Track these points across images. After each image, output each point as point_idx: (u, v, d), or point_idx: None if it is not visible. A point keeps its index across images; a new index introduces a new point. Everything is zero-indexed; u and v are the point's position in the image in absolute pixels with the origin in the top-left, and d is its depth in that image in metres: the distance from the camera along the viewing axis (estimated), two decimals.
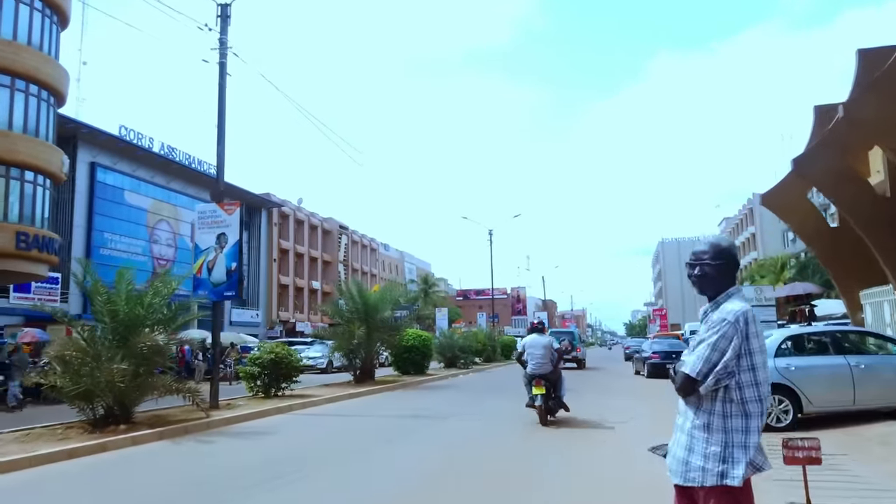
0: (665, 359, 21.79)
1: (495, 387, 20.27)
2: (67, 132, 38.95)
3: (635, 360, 26.23)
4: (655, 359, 22.03)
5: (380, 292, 20.51)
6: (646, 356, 23.07)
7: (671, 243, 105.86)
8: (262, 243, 58.67)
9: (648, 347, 24.29)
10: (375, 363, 20.57)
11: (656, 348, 23.13)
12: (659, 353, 22.38)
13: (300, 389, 17.25)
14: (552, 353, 11.09)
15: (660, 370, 21.41)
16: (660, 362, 21.69)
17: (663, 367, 21.37)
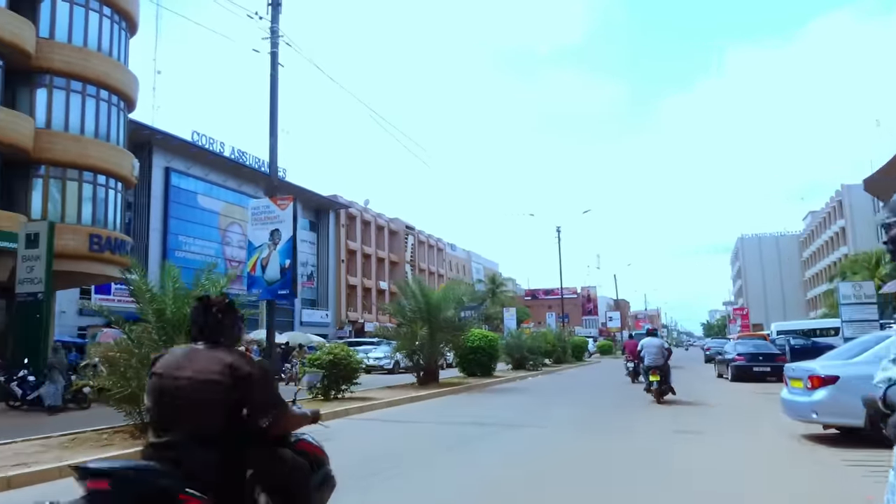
0: (751, 361, 20.73)
1: (568, 390, 19.09)
2: (142, 138, 40.15)
3: (717, 362, 24.96)
4: (740, 361, 20.88)
5: (442, 291, 19.70)
6: (729, 358, 21.92)
7: (751, 239, 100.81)
8: (331, 244, 59.13)
9: (732, 349, 22.97)
10: (440, 364, 19.74)
11: (741, 350, 21.92)
12: (744, 354, 21.20)
13: (362, 391, 16.62)
14: (663, 350, 14.69)
15: (745, 373, 20.41)
16: (745, 365, 20.65)
17: (749, 370, 20.47)
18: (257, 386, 2.87)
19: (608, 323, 76.37)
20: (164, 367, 2.97)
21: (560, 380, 24.24)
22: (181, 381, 2.85)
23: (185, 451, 2.73)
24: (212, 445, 2.75)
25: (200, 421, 2.78)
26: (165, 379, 2.90)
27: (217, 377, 2.81)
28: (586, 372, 29.54)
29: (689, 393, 15.97)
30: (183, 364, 2.91)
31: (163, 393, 2.88)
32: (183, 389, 2.82)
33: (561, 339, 35.03)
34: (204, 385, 2.80)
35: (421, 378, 18.70)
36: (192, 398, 2.80)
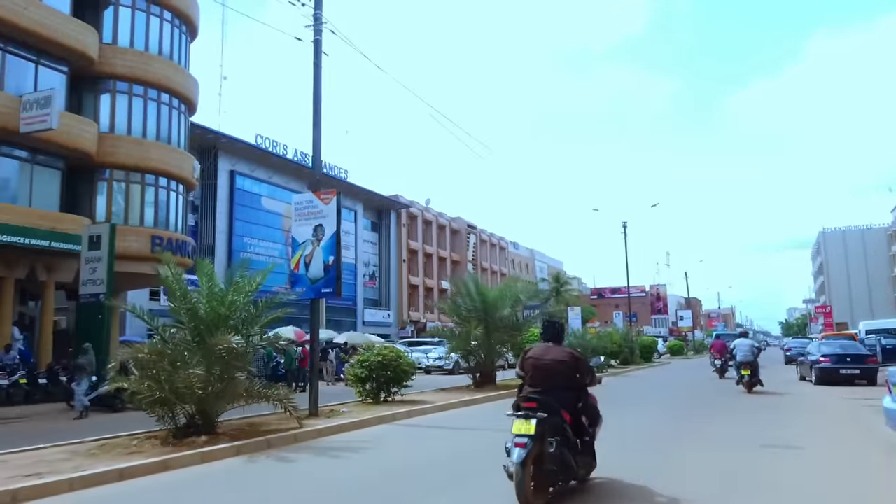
0: (837, 363, 19.28)
1: (636, 395, 17.79)
2: (208, 142, 40.94)
3: (800, 363, 23.19)
4: (825, 363, 19.45)
5: (499, 289, 18.73)
6: (813, 359, 20.39)
7: (835, 233, 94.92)
8: (392, 244, 59.05)
9: (816, 350, 21.26)
10: (500, 365, 18.82)
11: (826, 351, 20.35)
12: (830, 356, 19.68)
13: (416, 394, 15.91)
14: (753, 349, 17.55)
15: (831, 376, 19.09)
16: (831, 367, 19.25)
17: (835, 372, 19.16)
18: (583, 363, 6.03)
19: (679, 322, 73.21)
20: (534, 354, 6.05)
21: (628, 383, 22.85)
22: (546, 361, 5.90)
23: (551, 395, 5.56)
24: (563, 391, 5.72)
25: (557, 381, 5.77)
26: (537, 360, 5.95)
27: (565, 359, 5.92)
28: (656, 374, 27.93)
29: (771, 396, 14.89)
30: (546, 353, 6.00)
31: (535, 367, 5.90)
32: (548, 365, 5.84)
33: (628, 340, 33.33)
34: (559, 363, 5.84)
35: (477, 380, 17.83)
36: (553, 369, 5.82)
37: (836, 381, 18.99)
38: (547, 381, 5.80)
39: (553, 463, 5.37)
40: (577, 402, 5.97)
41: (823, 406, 14.01)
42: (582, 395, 6.09)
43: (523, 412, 5.45)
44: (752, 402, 14.34)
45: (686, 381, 21.82)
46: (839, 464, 7.47)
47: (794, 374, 24.19)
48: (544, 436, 5.30)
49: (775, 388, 17.82)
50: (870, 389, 17.13)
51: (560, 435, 5.44)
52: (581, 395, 6.07)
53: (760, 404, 13.95)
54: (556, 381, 5.79)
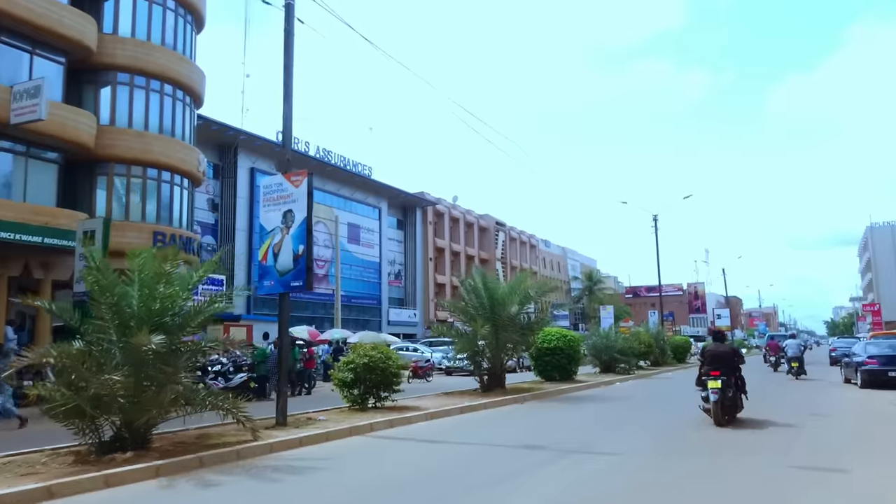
0: (886, 364, 17.68)
1: (660, 399, 15.99)
2: (228, 139, 40.21)
3: (844, 365, 21.35)
4: (872, 364, 17.92)
5: (509, 285, 17.10)
6: (859, 361, 18.75)
7: (883, 228, 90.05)
8: (418, 243, 57.74)
9: (862, 350, 19.50)
10: (512, 367, 17.23)
11: (873, 351, 18.66)
12: (877, 357, 18.07)
13: (414, 398, 14.45)
14: (800, 347, 22.88)
15: (878, 379, 17.59)
16: (878, 369, 17.70)
17: (883, 374, 17.64)
18: (738, 354, 11.48)
19: (717, 321, 70.11)
20: (711, 349, 11.35)
21: (655, 386, 20.95)
22: (719, 352, 11.14)
23: (722, 370, 10.58)
24: (728, 368, 10.78)
25: (725, 363, 10.85)
26: (713, 351, 11.15)
27: (728, 351, 11.36)
28: (688, 376, 25.90)
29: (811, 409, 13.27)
30: (717, 348, 11.30)
31: (713, 356, 11.04)
32: (720, 354, 11.02)
33: (659, 339, 31.29)
34: (726, 354, 11.11)
35: (484, 383, 16.26)
36: (723, 357, 11.00)
37: (883, 385, 17.54)
38: (719, 362, 10.85)
39: (730, 402, 10.66)
40: (735, 373, 11.01)
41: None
42: (738, 370, 11.15)
43: (712, 378, 10.52)
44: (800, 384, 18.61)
45: (693, 397, 19.94)
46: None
47: (839, 377, 21.98)
48: (725, 389, 10.47)
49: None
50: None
51: (732, 389, 10.68)
52: (738, 370, 11.15)
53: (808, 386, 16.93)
54: (725, 362, 10.88)
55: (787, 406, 13.88)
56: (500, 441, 9.27)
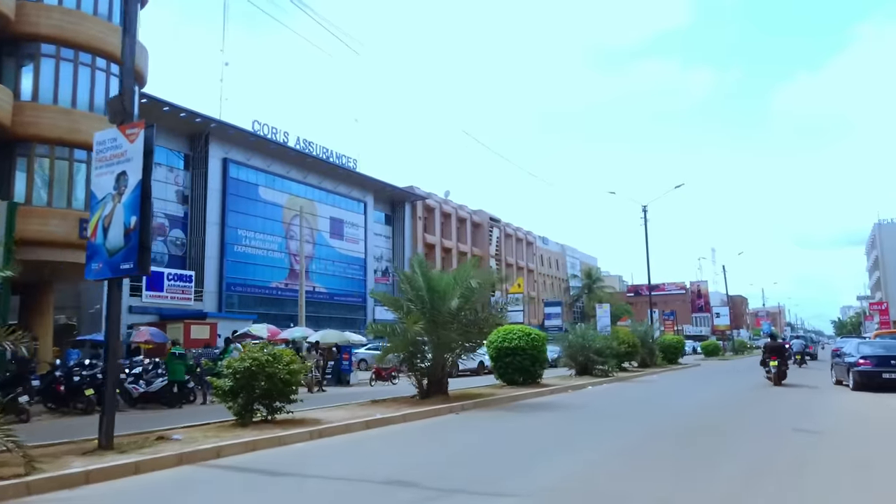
0: (880, 365, 16.52)
1: (625, 409, 13.48)
2: (198, 128, 37.88)
3: (835, 365, 20.05)
4: (865, 365, 16.73)
5: (451, 274, 14.55)
6: (851, 361, 17.54)
7: (891, 225, 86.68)
8: (407, 238, 55.31)
9: (855, 350, 18.28)
10: (455, 370, 14.79)
11: (867, 352, 17.51)
12: (871, 358, 16.91)
13: (325, 409, 12.05)
14: (805, 345, 34.87)
15: (872, 381, 16.41)
16: (872, 370, 16.53)
17: (877, 376, 16.44)
18: (784, 347, 21.75)
19: (716, 320, 67.19)
20: (769, 344, 20.55)
21: (630, 391, 18.42)
22: (774, 345, 20.34)
23: (779, 358, 19.39)
24: (781, 355, 19.62)
25: (780, 353, 19.64)
26: (771, 344, 20.28)
27: (780, 345, 21.08)
28: (674, 380, 23.30)
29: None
30: (775, 343, 20.61)
31: (771, 348, 19.84)
32: (778, 347, 20.05)
33: (647, 339, 28.67)
34: (780, 346, 20.51)
35: (423, 389, 13.82)
36: (778, 349, 19.87)
37: (877, 387, 16.30)
38: (775, 352, 19.38)
39: (783, 373, 19.09)
40: (785, 358, 19.46)
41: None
42: (785, 356, 19.82)
43: (772, 360, 19.18)
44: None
45: (665, 410, 17.37)
46: None
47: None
48: (780, 365, 18.96)
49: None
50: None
51: (785, 365, 19.35)
52: (785, 357, 19.82)
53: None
54: (779, 352, 19.40)
55: (767, 420, 11.36)
56: (371, 474, 6.82)
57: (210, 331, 32.28)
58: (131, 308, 33.96)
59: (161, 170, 37.19)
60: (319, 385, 21.70)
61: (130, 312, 33.79)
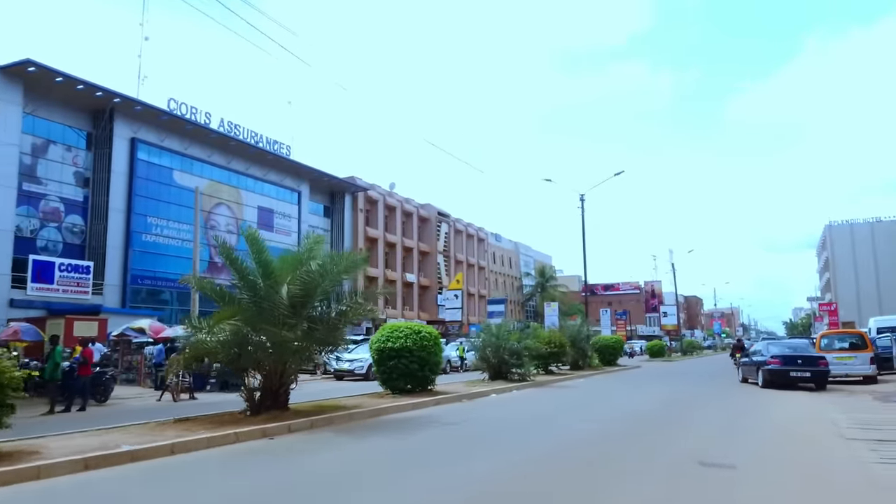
0: (787, 364, 17.40)
1: (511, 433, 10.55)
2: (99, 102, 33.94)
3: (742, 365, 21.14)
4: (774, 364, 17.59)
5: (293, 255, 11.29)
6: (761, 360, 18.50)
7: (842, 227, 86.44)
8: (347, 231, 51.97)
9: (765, 350, 19.06)
10: (292, 378, 11.62)
11: (775, 351, 18.37)
12: (779, 357, 17.75)
13: (85, 432, 8.80)
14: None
15: (780, 378, 17.35)
16: (780, 369, 17.41)
17: (785, 374, 17.35)
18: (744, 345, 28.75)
19: (664, 319, 65.32)
20: (737, 343, 33.96)
21: (543, 399, 15.49)
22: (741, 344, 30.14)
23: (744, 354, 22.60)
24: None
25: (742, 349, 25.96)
26: (739, 344, 30.90)
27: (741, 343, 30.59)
28: (600, 385, 20.52)
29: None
30: (742, 343, 32.50)
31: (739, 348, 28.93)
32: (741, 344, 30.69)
33: (579, 339, 25.92)
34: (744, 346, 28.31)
35: (255, 403, 10.65)
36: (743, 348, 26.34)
37: (784, 385, 17.36)
38: (740, 349, 26.11)
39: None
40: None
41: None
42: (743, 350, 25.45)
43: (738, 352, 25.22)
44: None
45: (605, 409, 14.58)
46: None
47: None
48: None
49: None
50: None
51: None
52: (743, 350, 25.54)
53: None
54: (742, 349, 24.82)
55: (677, 445, 8.48)
56: None
57: (99, 327, 28.35)
58: (12, 302, 30.01)
59: (56, 148, 33.23)
60: (190, 392, 18.39)
61: (11, 307, 29.87)
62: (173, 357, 11.63)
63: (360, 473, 6.94)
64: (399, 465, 7.41)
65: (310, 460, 7.77)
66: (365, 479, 6.68)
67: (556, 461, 7.65)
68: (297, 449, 8.45)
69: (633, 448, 8.45)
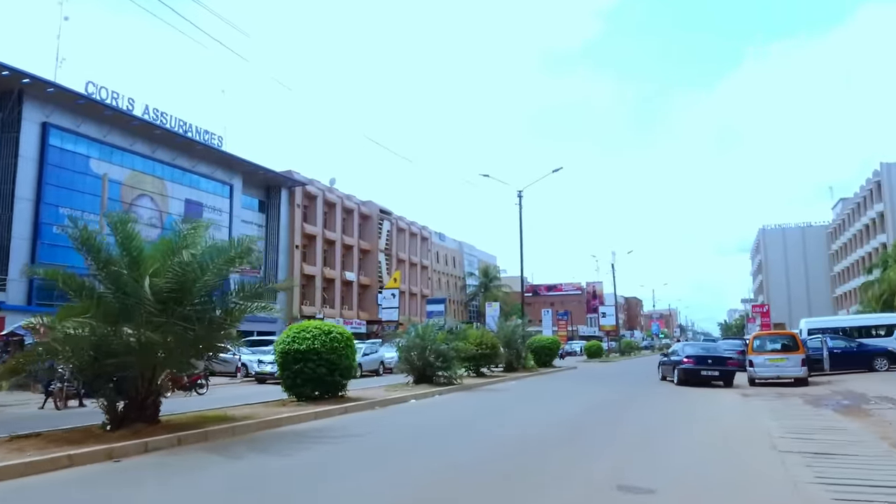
0: (699, 364, 18.94)
1: (416, 447, 9.26)
2: (5, 83, 30.98)
3: (662, 364, 22.64)
4: (688, 363, 19.08)
5: (165, 242, 9.71)
6: (676, 360, 20.01)
7: (774, 231, 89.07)
8: (283, 227, 49.78)
9: (681, 350, 20.84)
10: (161, 386, 9.95)
11: (690, 352, 20.13)
12: (693, 357, 19.36)
13: None
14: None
15: (692, 377, 18.71)
16: (693, 368, 18.89)
17: (696, 373, 18.78)
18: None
19: (602, 319, 65.57)
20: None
21: (466, 405, 14.28)
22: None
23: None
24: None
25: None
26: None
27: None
28: (531, 388, 19.49)
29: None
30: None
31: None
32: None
33: (514, 339, 24.93)
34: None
35: (116, 415, 9.01)
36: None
37: (696, 383, 18.59)
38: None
39: None
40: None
41: None
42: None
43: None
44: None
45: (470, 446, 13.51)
46: None
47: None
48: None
49: None
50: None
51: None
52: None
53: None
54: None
55: (594, 463, 7.34)
56: None
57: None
58: None
59: None
60: (79, 398, 16.37)
61: None
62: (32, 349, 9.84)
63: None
64: (265, 491, 5.99)
65: (135, 495, 6.24)
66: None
67: (467, 475, 6.43)
68: (133, 478, 6.87)
69: (550, 464, 7.28)
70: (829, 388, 17.17)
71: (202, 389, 19.27)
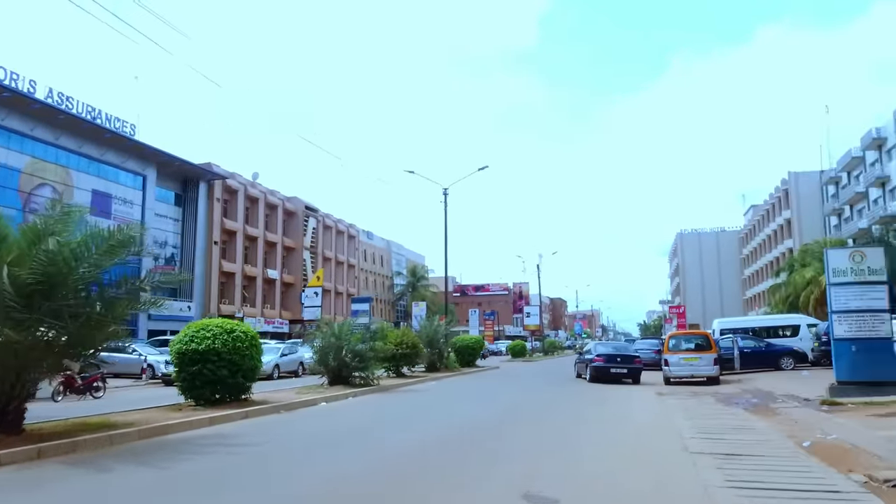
0: (609, 362, 20.07)
1: (304, 460, 8.57)
2: None
3: (577, 362, 23.81)
4: (599, 361, 20.24)
5: (30, 230, 8.59)
6: (589, 358, 21.15)
7: (690, 235, 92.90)
8: (201, 222, 47.44)
9: (594, 349, 22.09)
10: (28, 392, 8.82)
11: (601, 351, 21.41)
12: (604, 355, 20.54)
13: None
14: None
15: (603, 374, 19.77)
16: (604, 366, 20.00)
17: (607, 371, 19.78)
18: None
19: (526, 319, 66.37)
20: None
21: (372, 412, 13.69)
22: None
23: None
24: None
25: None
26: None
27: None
28: (450, 389, 19.06)
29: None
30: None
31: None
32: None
33: (436, 339, 24.49)
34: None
35: None
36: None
37: (606, 379, 19.43)
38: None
39: None
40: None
41: None
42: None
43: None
44: None
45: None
46: None
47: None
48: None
49: None
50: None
51: None
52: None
53: None
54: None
55: (502, 468, 6.88)
56: None
57: None
58: None
59: None
60: None
61: None
62: None
63: None
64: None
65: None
66: None
67: (353, 487, 5.79)
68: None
69: (455, 472, 6.76)
70: (739, 386, 17.56)
71: (99, 393, 17.76)
